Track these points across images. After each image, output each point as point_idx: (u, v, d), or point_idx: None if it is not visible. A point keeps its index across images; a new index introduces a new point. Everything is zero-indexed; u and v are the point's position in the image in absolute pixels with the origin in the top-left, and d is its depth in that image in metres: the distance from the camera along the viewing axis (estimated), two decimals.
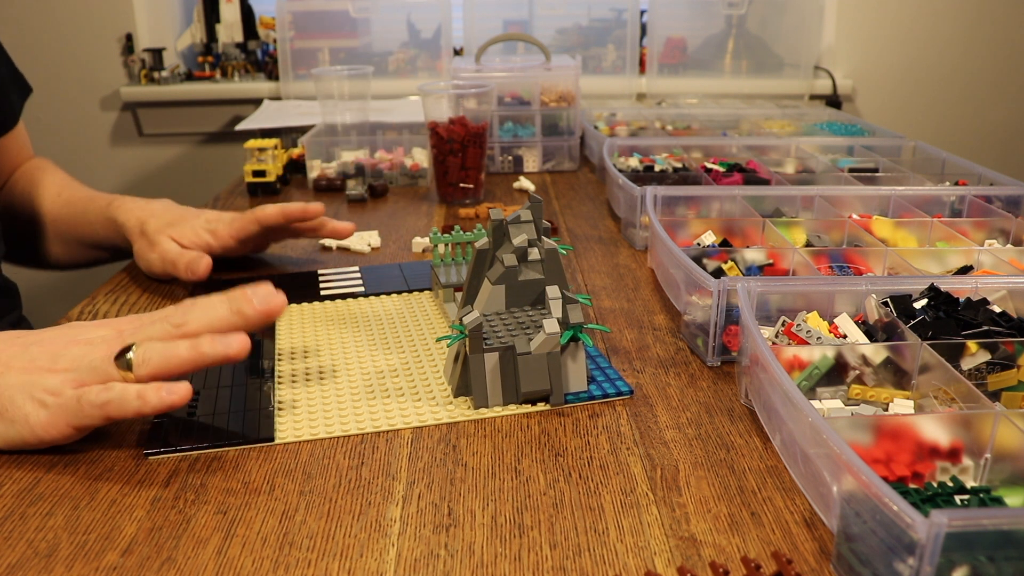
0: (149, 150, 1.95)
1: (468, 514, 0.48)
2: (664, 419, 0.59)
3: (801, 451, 0.49)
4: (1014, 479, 0.47)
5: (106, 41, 1.87)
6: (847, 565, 0.42)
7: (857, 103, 1.92)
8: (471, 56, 1.54)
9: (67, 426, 0.54)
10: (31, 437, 0.54)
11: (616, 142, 1.25)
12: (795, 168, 1.20)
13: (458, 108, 1.10)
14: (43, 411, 0.53)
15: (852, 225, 0.85)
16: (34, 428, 0.53)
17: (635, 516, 0.48)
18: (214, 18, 1.89)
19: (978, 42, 1.88)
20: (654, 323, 0.75)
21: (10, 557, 0.45)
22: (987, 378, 0.57)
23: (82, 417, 0.53)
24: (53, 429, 0.54)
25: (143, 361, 0.54)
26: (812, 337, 0.61)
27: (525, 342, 0.59)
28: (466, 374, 0.60)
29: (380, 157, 1.28)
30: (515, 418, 0.59)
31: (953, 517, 0.35)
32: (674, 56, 1.86)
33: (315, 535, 0.47)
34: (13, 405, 0.54)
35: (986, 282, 0.67)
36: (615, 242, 0.99)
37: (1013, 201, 0.95)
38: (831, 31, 1.87)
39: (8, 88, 0.96)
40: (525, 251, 0.64)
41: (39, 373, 0.55)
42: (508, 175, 1.34)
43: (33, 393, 0.54)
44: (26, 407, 0.54)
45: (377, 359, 0.68)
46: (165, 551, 0.45)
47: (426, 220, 1.08)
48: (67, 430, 0.54)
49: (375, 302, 0.80)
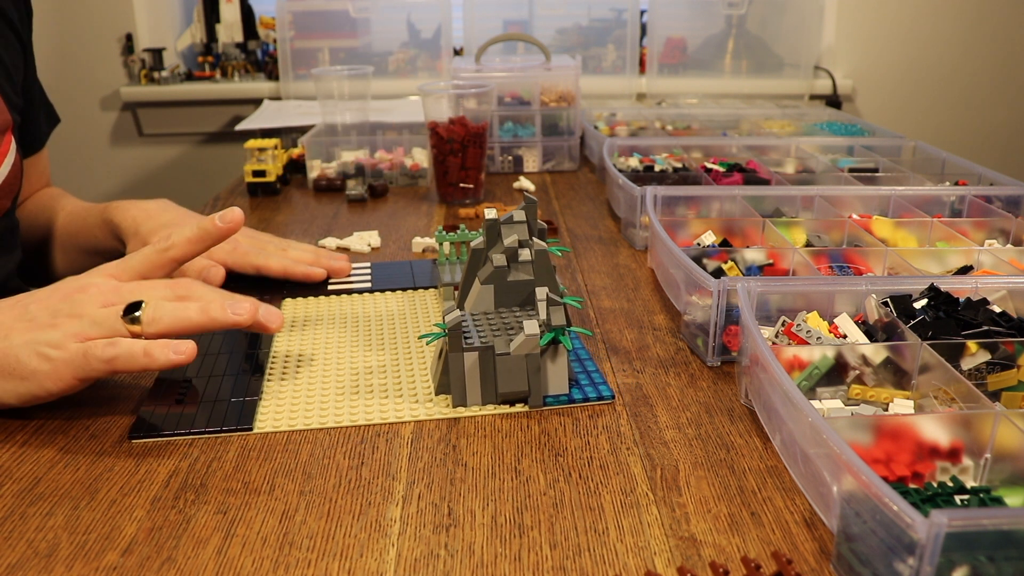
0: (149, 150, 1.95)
1: (468, 514, 0.48)
2: (664, 419, 0.59)
3: (801, 451, 0.49)
4: (1014, 479, 0.47)
5: (106, 41, 1.87)
6: (847, 565, 0.42)
7: (857, 103, 1.92)
8: (471, 56, 1.54)
9: (72, 378, 0.56)
10: (40, 391, 0.57)
11: (616, 142, 1.25)
12: (795, 168, 1.20)
13: (458, 108, 1.10)
14: (47, 364, 0.56)
15: (852, 225, 0.85)
16: (42, 382, 0.56)
17: (635, 516, 0.48)
18: (214, 18, 1.89)
19: (978, 42, 1.88)
20: (654, 323, 0.75)
21: (10, 557, 0.45)
22: (987, 378, 0.57)
23: (88, 370, 0.56)
24: (60, 381, 0.56)
25: (152, 319, 0.57)
26: (812, 337, 0.61)
27: (505, 343, 0.59)
28: (447, 372, 0.60)
29: (380, 157, 1.28)
30: (515, 418, 0.59)
31: (953, 517, 0.35)
32: (674, 56, 1.86)
33: (315, 535, 0.47)
34: (20, 364, 0.56)
35: (986, 282, 0.67)
36: (615, 242, 0.99)
37: (1013, 201, 0.95)
38: (831, 31, 1.87)
39: (39, 112, 0.96)
40: (515, 252, 0.64)
41: (40, 329, 0.57)
42: (508, 175, 1.34)
43: (37, 349, 0.56)
44: (32, 363, 0.56)
45: (368, 355, 0.68)
46: (165, 551, 0.45)
47: (426, 220, 1.08)
48: (72, 381, 0.56)
49: (379, 298, 0.81)
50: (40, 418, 0.59)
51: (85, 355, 0.56)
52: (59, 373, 0.56)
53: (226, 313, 0.59)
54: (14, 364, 0.56)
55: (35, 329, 0.57)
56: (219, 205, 1.16)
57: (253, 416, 0.59)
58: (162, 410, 0.59)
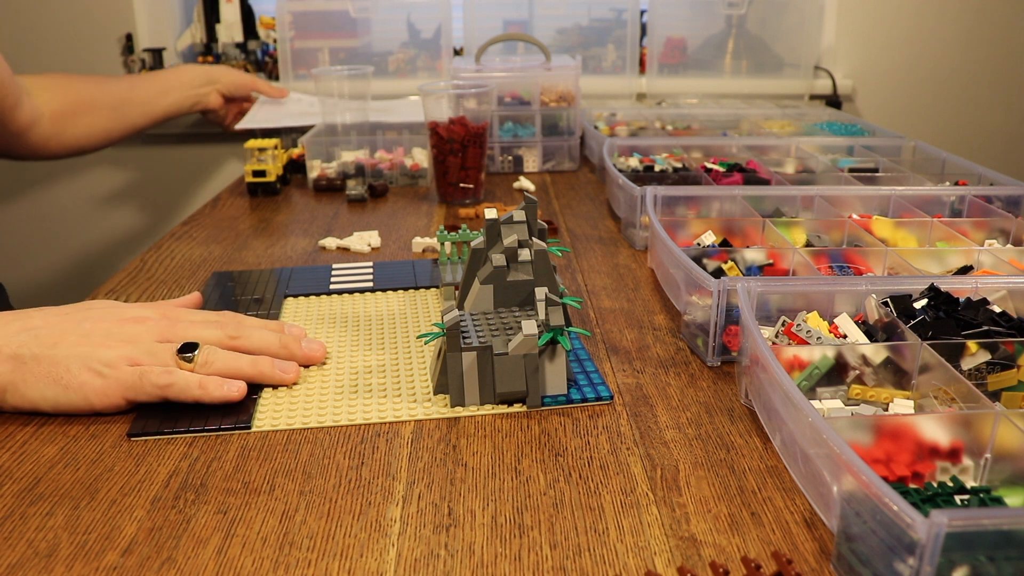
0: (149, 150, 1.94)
1: (468, 514, 0.48)
2: (664, 419, 0.59)
3: (801, 451, 0.49)
4: (1014, 479, 0.47)
5: (106, 41, 1.86)
6: (847, 565, 0.42)
7: (857, 103, 1.91)
8: (471, 56, 1.54)
9: (121, 397, 0.58)
10: (83, 403, 0.58)
11: (616, 142, 1.25)
12: (795, 168, 1.20)
13: (458, 108, 1.10)
14: (99, 380, 0.57)
15: (852, 225, 0.85)
16: (88, 395, 0.57)
17: (635, 516, 0.48)
18: (214, 18, 1.89)
19: (978, 42, 1.88)
20: (654, 323, 0.75)
21: (10, 557, 0.45)
22: (987, 378, 0.57)
23: (140, 393, 0.58)
24: (107, 398, 0.58)
25: (206, 362, 0.60)
26: (812, 337, 0.61)
27: (503, 342, 0.59)
28: (445, 372, 0.60)
29: (380, 157, 1.28)
30: (515, 418, 0.59)
31: (953, 517, 0.35)
32: (674, 56, 1.85)
33: (315, 535, 0.47)
34: (69, 373, 0.57)
35: (986, 282, 0.67)
36: (615, 242, 0.99)
37: (1013, 201, 0.95)
38: (831, 31, 1.87)
39: None
40: (515, 251, 0.64)
41: (94, 347, 0.58)
42: (508, 175, 1.34)
43: (90, 364, 0.57)
44: (82, 375, 0.57)
45: (368, 355, 0.68)
46: (165, 551, 0.45)
47: (426, 220, 1.08)
48: (120, 401, 0.58)
49: (380, 297, 0.81)
50: (40, 418, 0.59)
51: (141, 377, 0.57)
52: (109, 390, 0.57)
53: (275, 371, 0.62)
54: (63, 372, 0.57)
55: (87, 345, 0.58)
56: (219, 205, 1.16)
57: (252, 415, 0.59)
58: (162, 409, 0.59)
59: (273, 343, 0.64)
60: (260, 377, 0.61)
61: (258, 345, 0.64)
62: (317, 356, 0.66)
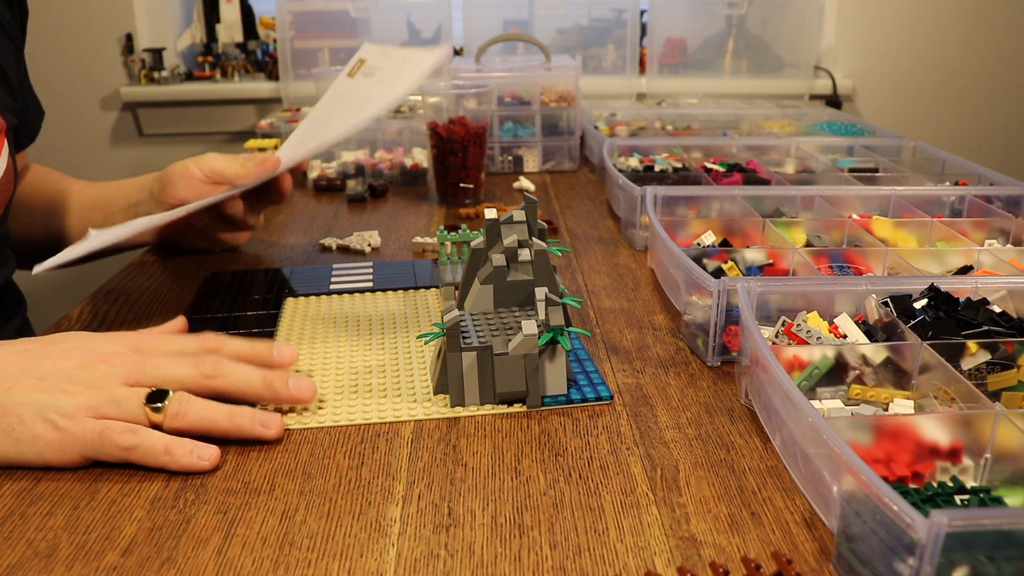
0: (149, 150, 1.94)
1: (468, 514, 0.48)
2: (664, 419, 0.59)
3: (801, 451, 0.49)
4: (1014, 479, 0.47)
5: (106, 41, 1.86)
6: (847, 565, 0.42)
7: (857, 103, 1.92)
8: (471, 56, 1.54)
9: (78, 455, 0.52)
10: (36, 459, 0.52)
11: (616, 142, 1.25)
12: (795, 168, 1.20)
13: (458, 108, 1.10)
14: (55, 434, 0.51)
15: (852, 225, 0.85)
16: (42, 451, 0.51)
17: (635, 516, 0.48)
18: (214, 18, 1.89)
19: (978, 42, 1.88)
20: (654, 323, 0.75)
21: (10, 557, 0.45)
22: (987, 378, 0.57)
23: (99, 452, 0.52)
24: (63, 455, 0.51)
25: (177, 414, 0.53)
26: (812, 337, 0.61)
27: (503, 342, 0.59)
28: (445, 372, 0.60)
29: (380, 157, 1.28)
30: (515, 418, 0.59)
31: (953, 517, 0.35)
32: (674, 56, 1.85)
33: (315, 535, 0.47)
34: (22, 425, 0.51)
35: (986, 282, 0.67)
36: (615, 242, 0.99)
37: (1013, 201, 0.95)
38: (831, 31, 1.87)
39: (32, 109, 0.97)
40: (515, 251, 0.64)
41: (51, 393, 0.52)
42: (508, 175, 1.34)
43: (46, 414, 0.51)
44: (36, 427, 0.51)
45: (368, 355, 0.68)
46: (165, 551, 0.45)
47: (426, 220, 1.08)
48: (76, 458, 0.52)
49: (380, 298, 0.81)
50: None
51: (101, 435, 0.51)
52: (65, 446, 0.51)
53: (254, 427, 0.55)
54: (15, 424, 0.51)
55: (45, 390, 0.52)
56: None
57: None
58: None
59: (255, 382, 0.56)
60: (238, 432, 0.54)
61: (237, 384, 0.56)
62: (305, 396, 0.58)
